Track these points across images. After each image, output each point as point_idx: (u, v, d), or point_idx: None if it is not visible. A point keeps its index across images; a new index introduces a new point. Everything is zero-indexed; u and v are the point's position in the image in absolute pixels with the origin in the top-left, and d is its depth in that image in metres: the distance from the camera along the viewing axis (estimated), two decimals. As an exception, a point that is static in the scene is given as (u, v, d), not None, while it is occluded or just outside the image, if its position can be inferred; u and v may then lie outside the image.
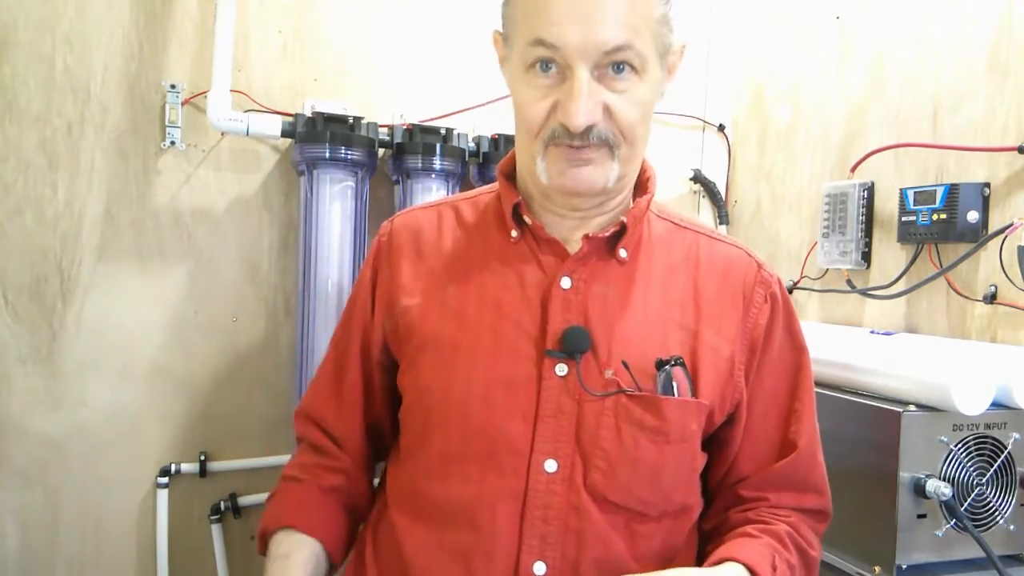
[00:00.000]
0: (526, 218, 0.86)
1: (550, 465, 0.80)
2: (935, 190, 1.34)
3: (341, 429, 0.94)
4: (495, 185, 0.93)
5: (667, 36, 0.82)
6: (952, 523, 1.08)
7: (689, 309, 0.86)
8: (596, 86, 0.77)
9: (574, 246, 0.85)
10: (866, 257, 1.53)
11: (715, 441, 0.89)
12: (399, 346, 0.89)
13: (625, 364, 0.81)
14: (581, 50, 0.75)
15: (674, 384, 0.81)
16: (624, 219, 0.85)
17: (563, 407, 0.81)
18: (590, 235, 0.84)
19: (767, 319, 0.88)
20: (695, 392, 0.83)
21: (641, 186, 0.91)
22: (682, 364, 0.82)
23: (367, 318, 0.92)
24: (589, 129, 0.77)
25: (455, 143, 1.61)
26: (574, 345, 0.81)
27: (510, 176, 0.91)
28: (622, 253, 0.86)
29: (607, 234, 0.85)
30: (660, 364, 0.81)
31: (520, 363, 0.82)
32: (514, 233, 0.87)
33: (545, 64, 0.77)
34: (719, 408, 0.86)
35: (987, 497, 1.11)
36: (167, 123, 1.48)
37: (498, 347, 0.83)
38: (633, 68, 0.78)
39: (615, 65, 0.77)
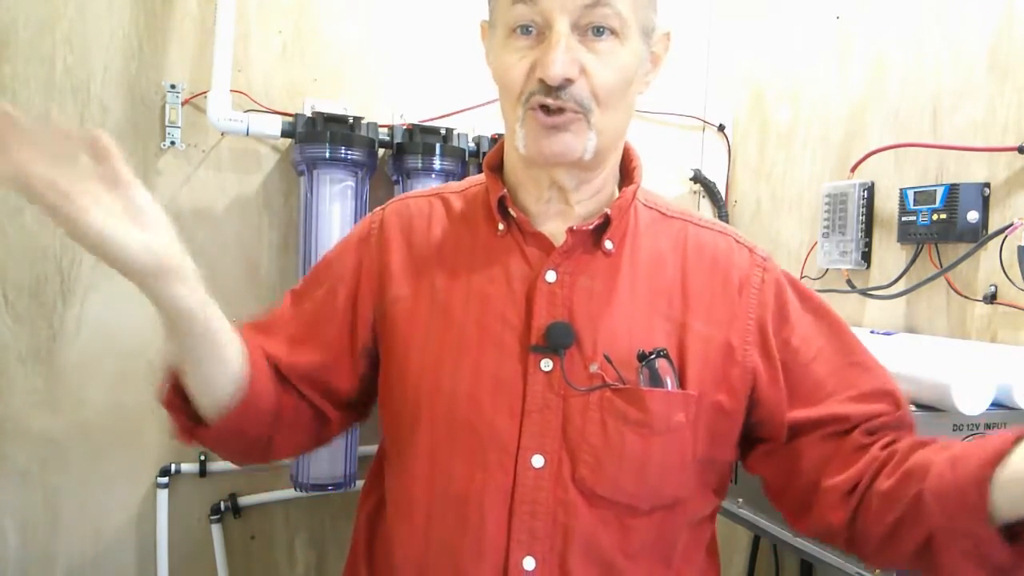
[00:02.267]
0: (511, 211, 0.86)
1: (537, 460, 0.80)
2: (935, 190, 1.34)
3: (283, 355, 0.88)
4: (484, 176, 0.92)
5: (649, 12, 0.82)
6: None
7: (676, 299, 0.85)
8: (575, 43, 0.77)
9: (560, 239, 0.85)
10: (866, 257, 1.53)
11: (768, 418, 0.86)
12: (384, 338, 0.88)
13: (607, 358, 0.81)
14: (559, 3, 0.75)
15: (660, 376, 0.81)
16: (608, 211, 0.85)
17: (548, 402, 0.81)
18: (574, 227, 0.84)
19: (773, 298, 0.87)
20: (682, 383, 0.82)
21: (627, 175, 0.90)
22: (666, 356, 0.81)
23: (351, 297, 0.90)
24: (565, 87, 0.76)
25: (455, 143, 1.61)
26: (558, 340, 0.80)
27: (496, 169, 0.90)
28: (607, 245, 0.85)
29: (591, 226, 0.84)
30: (642, 357, 0.81)
31: (506, 358, 0.82)
32: (501, 226, 0.87)
33: (525, 28, 0.78)
34: (728, 393, 0.84)
35: (987, 497, 1.11)
36: (167, 123, 1.48)
37: (484, 342, 0.83)
38: (613, 31, 0.78)
39: (595, 28, 0.77)
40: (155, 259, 0.71)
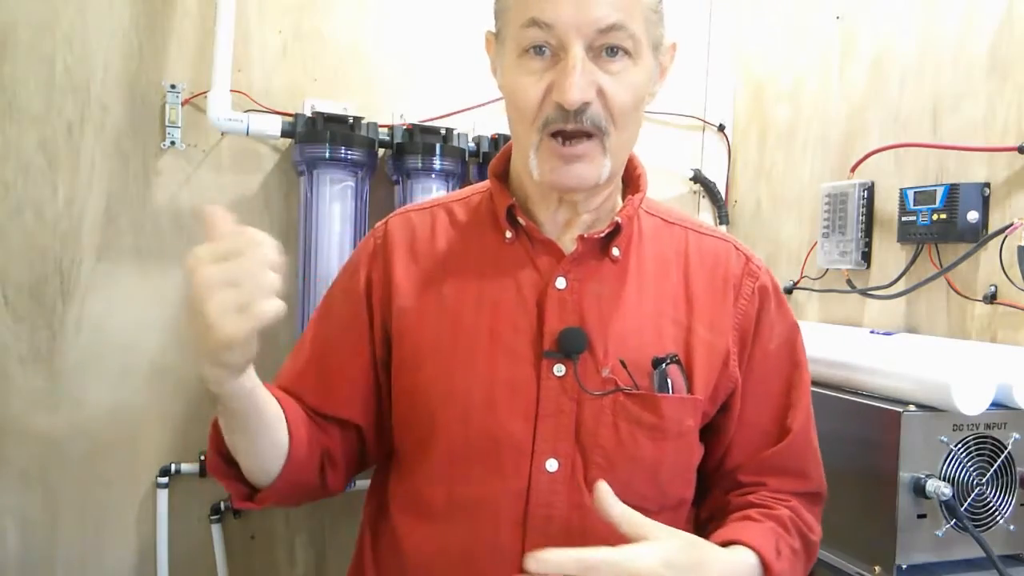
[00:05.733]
0: (520, 219, 0.86)
1: (551, 464, 0.81)
2: (935, 190, 1.34)
3: (318, 405, 0.89)
4: (487, 183, 0.92)
5: (658, 28, 0.82)
6: (952, 523, 1.08)
7: (681, 305, 0.87)
8: (590, 65, 0.76)
9: (568, 246, 0.86)
10: (866, 257, 1.53)
11: (710, 429, 0.90)
12: (395, 349, 0.89)
13: (623, 363, 0.82)
14: (575, 27, 0.75)
15: (670, 381, 0.82)
16: (619, 220, 0.85)
17: (562, 407, 0.81)
18: (584, 236, 0.84)
19: (756, 311, 0.89)
20: (690, 388, 0.83)
21: (632, 183, 0.91)
22: (678, 361, 0.83)
23: (363, 312, 0.90)
24: (583, 111, 0.76)
25: (455, 143, 1.61)
26: (571, 345, 0.81)
27: (501, 176, 0.91)
28: (615, 252, 0.86)
29: (602, 235, 0.85)
30: (657, 362, 0.82)
31: (518, 365, 0.82)
32: (508, 234, 0.87)
33: (539, 48, 0.77)
34: (712, 399, 0.86)
35: (987, 497, 1.11)
36: (167, 123, 1.48)
37: (496, 350, 0.83)
38: (626, 51, 0.78)
39: (609, 48, 0.77)
40: (248, 358, 0.70)
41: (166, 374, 1.51)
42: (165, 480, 1.50)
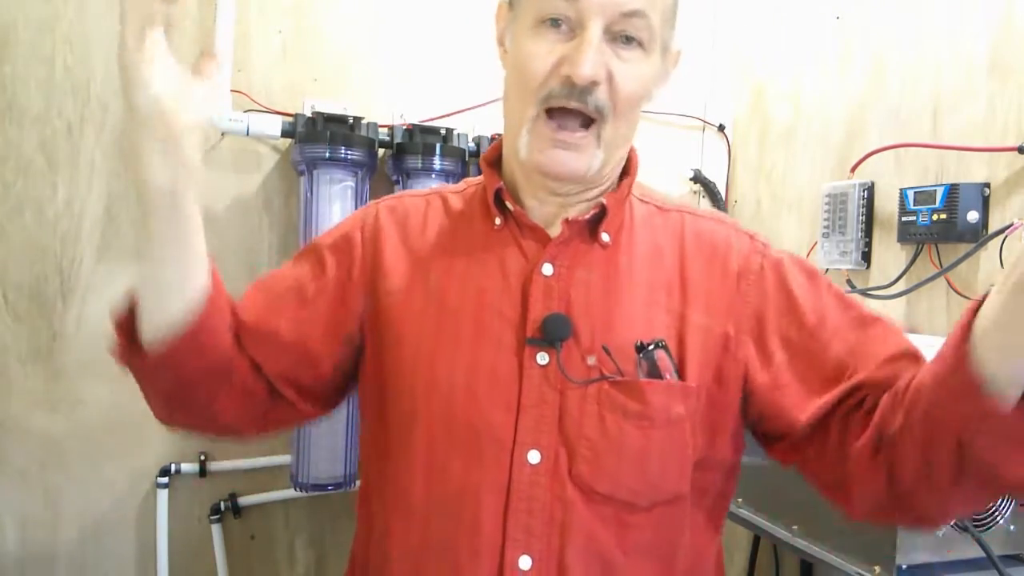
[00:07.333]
0: (508, 204, 0.85)
1: (533, 456, 0.79)
2: (935, 190, 1.34)
3: (243, 335, 0.86)
4: (483, 176, 0.92)
5: (671, 30, 0.82)
6: (952, 523, 1.08)
7: (676, 292, 0.84)
8: (605, 46, 0.76)
9: (556, 232, 0.84)
10: (866, 257, 1.53)
11: (769, 410, 0.84)
12: (375, 332, 0.87)
13: (606, 349, 0.80)
14: (599, 5, 0.75)
15: (658, 367, 0.80)
16: (603, 201, 0.84)
17: (545, 396, 0.80)
18: (570, 219, 0.83)
19: (776, 286, 0.85)
20: (681, 375, 0.81)
21: (625, 169, 0.89)
22: (665, 347, 0.81)
23: (340, 283, 0.88)
24: (589, 91, 0.76)
25: (455, 143, 1.61)
26: (554, 333, 0.80)
27: (493, 165, 0.90)
28: (604, 237, 0.85)
29: (587, 217, 0.84)
30: (640, 348, 0.80)
31: (502, 353, 0.81)
32: (497, 220, 0.86)
33: (555, 20, 0.77)
34: (721, 384, 0.83)
35: (987, 497, 1.11)
36: (167, 123, 1.48)
37: (479, 337, 0.82)
38: (640, 42, 0.78)
39: (625, 36, 0.77)
40: (165, 113, 0.69)
41: (166, 374, 1.51)
42: (165, 480, 1.50)
